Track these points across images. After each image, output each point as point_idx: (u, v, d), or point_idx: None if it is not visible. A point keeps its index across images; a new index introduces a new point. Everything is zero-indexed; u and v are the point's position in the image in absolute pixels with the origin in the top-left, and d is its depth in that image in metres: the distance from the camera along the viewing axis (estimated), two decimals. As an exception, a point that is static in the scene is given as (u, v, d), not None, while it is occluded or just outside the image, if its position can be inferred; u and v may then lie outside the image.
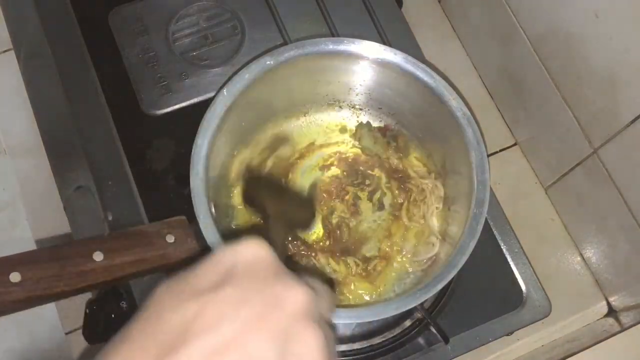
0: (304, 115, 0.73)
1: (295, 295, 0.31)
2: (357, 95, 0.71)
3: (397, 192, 0.70)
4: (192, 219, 0.57)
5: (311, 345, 0.30)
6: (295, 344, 0.29)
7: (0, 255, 0.46)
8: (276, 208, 0.57)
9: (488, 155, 0.63)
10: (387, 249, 0.68)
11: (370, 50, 0.66)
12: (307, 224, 0.66)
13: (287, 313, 0.30)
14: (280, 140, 0.71)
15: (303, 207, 0.66)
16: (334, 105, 0.73)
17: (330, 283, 0.64)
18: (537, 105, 0.76)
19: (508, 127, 0.84)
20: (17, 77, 0.77)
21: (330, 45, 0.66)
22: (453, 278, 0.58)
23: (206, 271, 0.31)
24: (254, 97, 0.65)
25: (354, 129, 0.73)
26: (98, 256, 0.49)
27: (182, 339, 0.28)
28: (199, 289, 0.30)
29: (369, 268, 0.66)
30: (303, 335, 0.30)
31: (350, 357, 0.67)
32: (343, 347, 0.67)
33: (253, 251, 0.32)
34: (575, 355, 0.68)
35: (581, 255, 0.79)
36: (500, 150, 0.83)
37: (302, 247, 0.67)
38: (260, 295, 0.30)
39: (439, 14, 0.90)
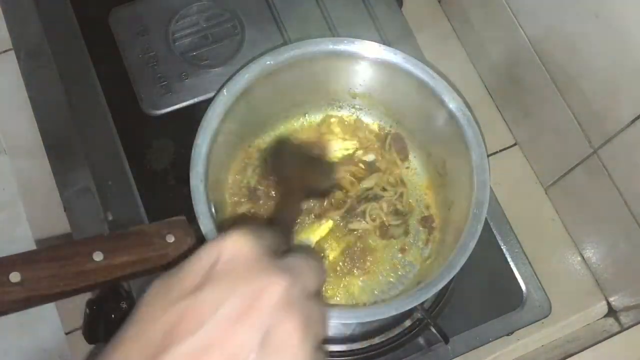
0: (304, 115, 0.73)
1: (273, 286, 0.31)
2: (357, 95, 0.71)
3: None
4: (192, 219, 0.57)
5: (290, 333, 0.30)
6: (275, 335, 0.30)
7: (0, 255, 0.46)
8: (298, 171, 0.63)
9: (488, 155, 0.63)
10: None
11: (370, 50, 0.66)
12: (325, 188, 0.68)
13: (265, 306, 0.31)
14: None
15: (324, 173, 0.68)
16: (334, 105, 0.73)
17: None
18: (537, 105, 0.76)
19: (508, 127, 0.84)
20: (17, 77, 0.76)
21: (330, 45, 0.66)
22: (453, 278, 0.58)
23: (189, 271, 0.33)
24: (254, 97, 0.65)
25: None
26: (98, 256, 0.49)
27: (167, 343, 0.29)
28: (183, 291, 0.31)
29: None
30: (282, 324, 0.30)
31: (350, 357, 0.67)
32: (343, 347, 0.67)
33: (233, 246, 0.33)
34: (575, 355, 0.68)
35: (581, 255, 0.79)
36: (500, 150, 0.83)
37: (316, 207, 0.68)
38: (238, 293, 0.31)
39: (439, 14, 0.89)
